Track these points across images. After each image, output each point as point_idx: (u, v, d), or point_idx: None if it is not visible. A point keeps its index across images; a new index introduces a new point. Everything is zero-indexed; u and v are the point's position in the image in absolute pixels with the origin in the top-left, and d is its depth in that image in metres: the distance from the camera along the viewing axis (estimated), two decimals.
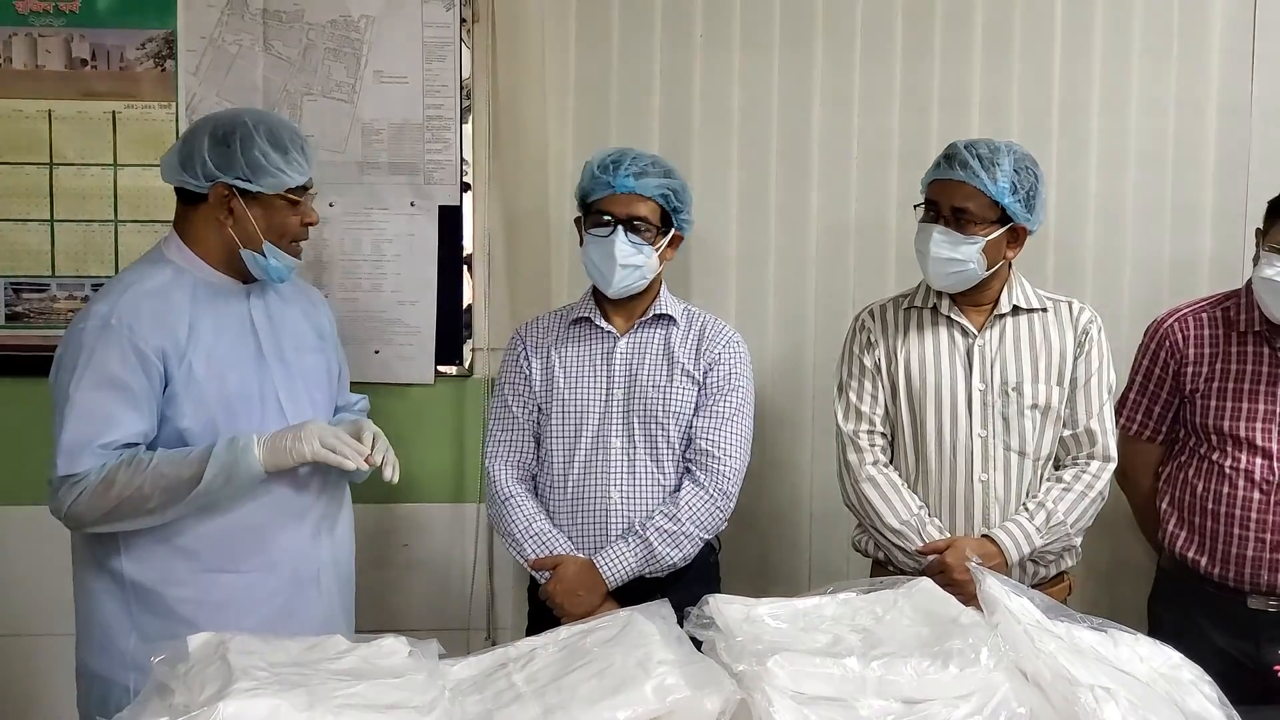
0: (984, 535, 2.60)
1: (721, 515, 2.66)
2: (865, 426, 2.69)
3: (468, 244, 3.21)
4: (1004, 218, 2.58)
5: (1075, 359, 2.66)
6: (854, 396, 2.70)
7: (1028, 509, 2.61)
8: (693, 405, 2.68)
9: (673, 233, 2.70)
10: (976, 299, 2.67)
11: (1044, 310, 2.69)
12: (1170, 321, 2.83)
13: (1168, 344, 2.81)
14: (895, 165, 3.18)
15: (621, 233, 2.62)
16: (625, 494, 2.64)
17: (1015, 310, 2.67)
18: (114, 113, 3.12)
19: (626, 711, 1.51)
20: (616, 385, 2.69)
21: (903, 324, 2.71)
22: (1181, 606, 2.78)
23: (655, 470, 2.66)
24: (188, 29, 3.11)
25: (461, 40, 3.16)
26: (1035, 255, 3.00)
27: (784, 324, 3.22)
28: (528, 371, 2.74)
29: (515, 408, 2.73)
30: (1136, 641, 1.81)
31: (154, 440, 2.32)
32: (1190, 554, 2.76)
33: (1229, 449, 2.72)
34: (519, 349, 2.77)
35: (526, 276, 3.20)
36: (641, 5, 3.14)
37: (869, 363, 2.70)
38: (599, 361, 2.71)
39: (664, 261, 2.71)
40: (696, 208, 2.77)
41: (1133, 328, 3.04)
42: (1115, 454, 2.68)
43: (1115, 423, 2.71)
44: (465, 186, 3.19)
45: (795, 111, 3.17)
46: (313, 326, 2.57)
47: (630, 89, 3.15)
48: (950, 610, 1.77)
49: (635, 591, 2.50)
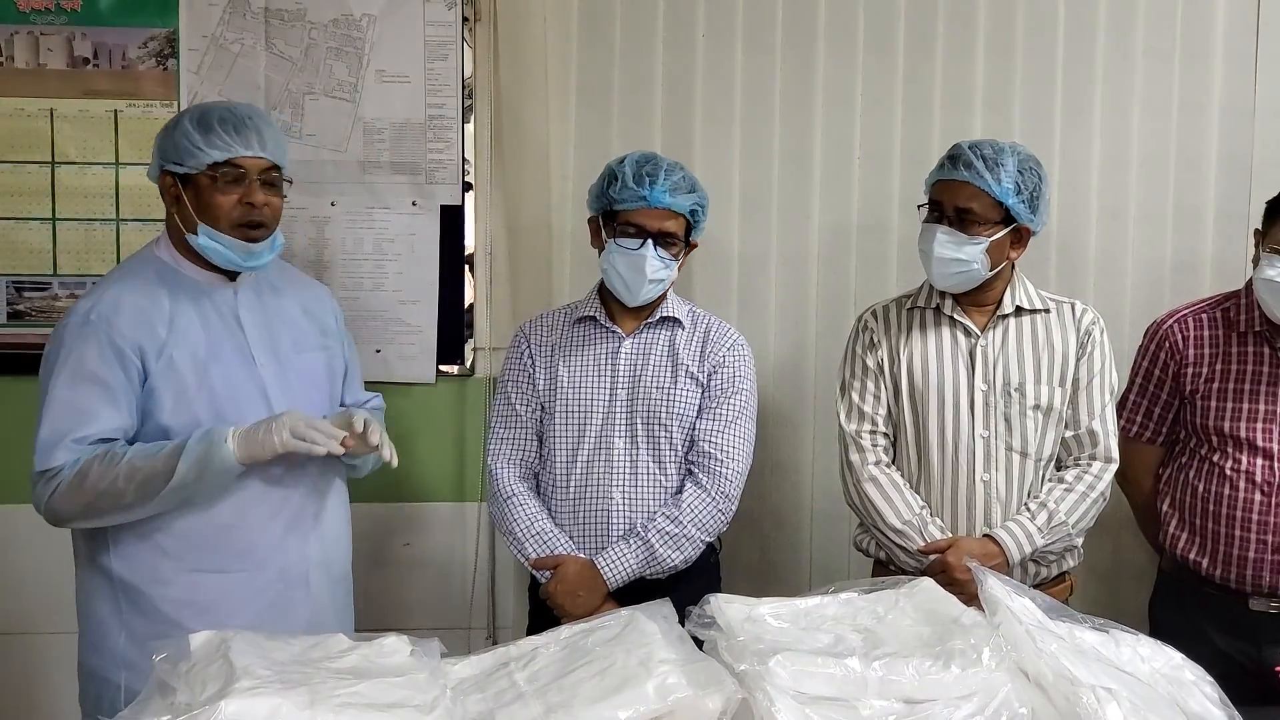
0: (985, 535, 2.60)
1: (723, 518, 2.66)
2: (868, 426, 2.69)
3: (469, 243, 3.20)
4: (1008, 218, 2.58)
5: (1077, 360, 2.66)
6: (856, 396, 2.70)
7: (1029, 509, 2.61)
8: (696, 407, 2.68)
9: (690, 242, 2.72)
10: (979, 299, 2.67)
11: (1047, 311, 2.69)
12: (1170, 322, 2.83)
13: (1167, 345, 2.80)
14: (898, 166, 3.18)
15: (652, 247, 2.61)
16: (627, 495, 2.64)
17: (1018, 311, 2.67)
18: (116, 111, 3.12)
19: (628, 711, 1.51)
20: (620, 386, 2.69)
21: (905, 324, 2.71)
22: (1182, 608, 2.78)
23: (657, 471, 2.66)
24: (189, 28, 3.11)
25: (463, 39, 3.16)
26: (1037, 256, 3.00)
27: (786, 324, 3.21)
28: (531, 369, 2.74)
29: (518, 405, 2.73)
30: (1138, 642, 1.81)
31: (136, 436, 2.31)
32: (1191, 555, 2.75)
33: (1229, 450, 2.72)
34: (523, 346, 2.77)
35: (528, 276, 3.20)
36: (643, 4, 3.14)
37: (871, 363, 2.70)
38: (603, 361, 2.71)
39: (679, 270, 2.72)
40: None
41: (1134, 329, 3.04)
42: (1117, 455, 2.68)
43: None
44: (467, 186, 3.19)
45: (797, 112, 3.17)
46: (315, 323, 2.55)
47: (632, 88, 3.15)
48: (952, 610, 1.77)
49: (636, 592, 2.50)
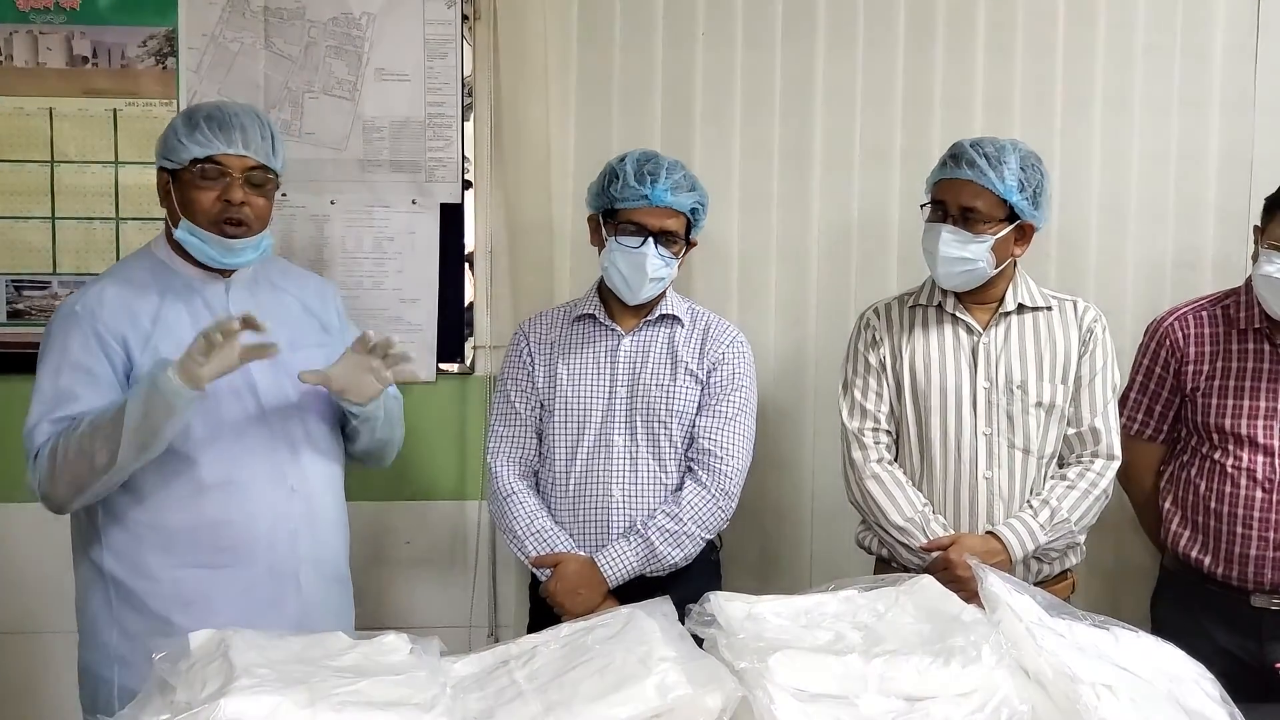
0: (988, 532, 2.60)
1: (723, 515, 2.66)
2: (870, 424, 2.69)
3: (469, 242, 3.20)
4: (1011, 215, 2.58)
5: (1080, 357, 2.65)
6: (859, 394, 2.70)
7: (1032, 506, 2.61)
8: (696, 404, 2.68)
9: (690, 240, 2.72)
10: (982, 297, 2.67)
11: (1049, 309, 2.69)
12: (1170, 320, 2.83)
13: (1168, 343, 2.80)
14: (898, 163, 3.17)
15: (653, 245, 2.62)
16: (627, 492, 2.64)
17: (1020, 308, 2.67)
18: (115, 110, 3.11)
19: (628, 709, 1.51)
20: (620, 383, 2.69)
21: (908, 322, 2.71)
22: (1184, 606, 2.78)
23: (657, 469, 2.66)
24: (189, 26, 3.11)
25: (463, 37, 3.15)
26: (1037, 254, 2.98)
27: (786, 321, 3.21)
28: (530, 367, 2.74)
29: (518, 404, 2.73)
30: (1138, 639, 1.81)
31: None
32: (1194, 553, 2.75)
33: (1230, 447, 2.72)
34: (522, 344, 2.77)
35: (528, 274, 3.19)
36: (643, 2, 3.13)
37: (874, 360, 2.70)
38: (603, 359, 2.71)
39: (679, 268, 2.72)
40: None
41: (1135, 326, 3.03)
42: (1119, 452, 2.68)
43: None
44: (467, 184, 3.18)
45: (797, 110, 3.16)
46: (315, 320, 2.53)
47: (632, 86, 3.14)
48: (952, 608, 1.77)
49: (636, 589, 2.49)
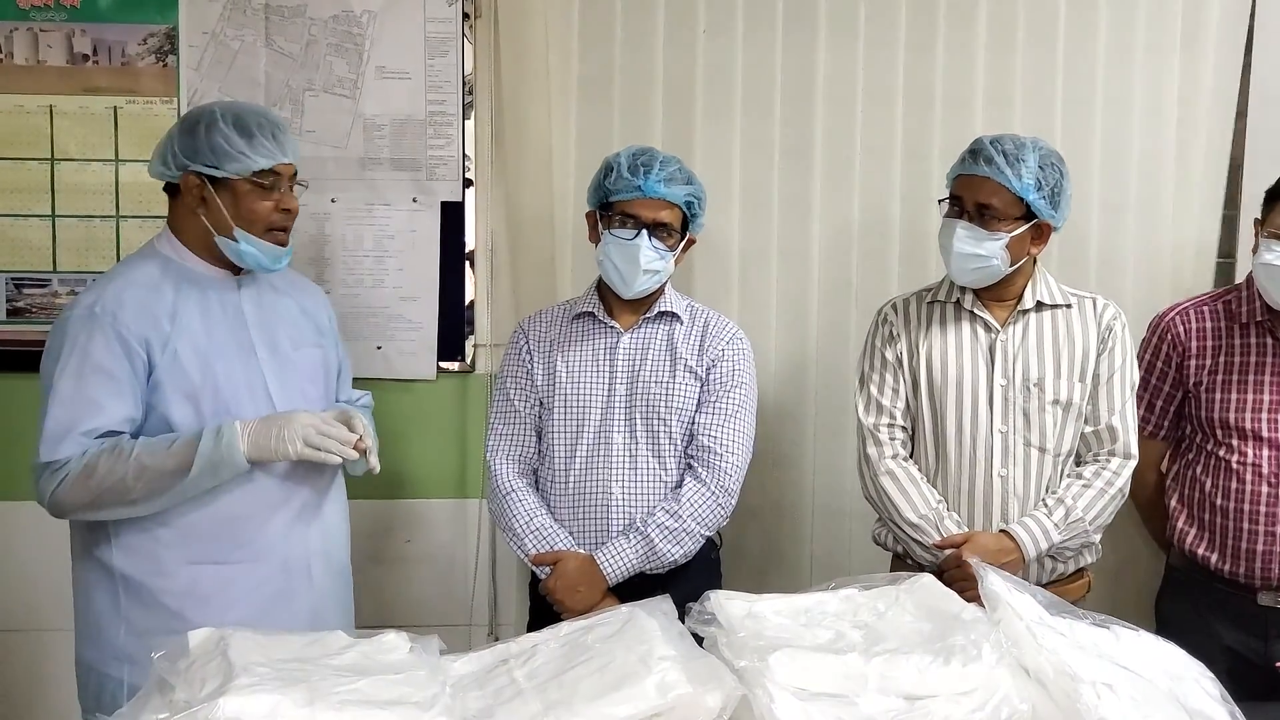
0: (1002, 530, 2.59)
1: (723, 512, 2.66)
2: (886, 420, 2.68)
3: (470, 240, 3.20)
4: (1028, 214, 2.56)
5: (1098, 355, 2.64)
6: (875, 390, 2.70)
7: (1047, 505, 2.60)
8: (695, 401, 2.68)
9: (687, 236, 2.71)
10: (1000, 294, 2.66)
11: (1068, 306, 2.67)
12: (1171, 315, 2.84)
13: (1169, 337, 2.81)
14: (899, 161, 3.17)
15: (646, 237, 2.62)
16: (627, 490, 2.64)
17: (1039, 306, 2.65)
18: (116, 108, 3.11)
19: (628, 707, 1.51)
20: (619, 381, 2.69)
21: (925, 318, 2.70)
22: (1190, 604, 2.78)
23: (657, 466, 2.66)
24: (189, 24, 3.11)
25: (464, 35, 3.15)
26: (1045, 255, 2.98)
27: (786, 319, 3.20)
28: (530, 366, 2.73)
29: (517, 402, 2.73)
30: (1139, 638, 1.81)
31: (140, 428, 2.31)
32: (1200, 550, 2.75)
33: (1234, 442, 2.71)
34: (521, 343, 2.77)
35: (530, 272, 3.19)
36: (644, 0, 3.12)
37: (890, 356, 2.70)
38: (602, 357, 2.71)
39: (676, 264, 2.72)
40: None
41: (1136, 323, 3.02)
42: (1136, 451, 2.66)
43: None
44: (468, 182, 3.18)
45: (798, 107, 3.16)
46: (311, 321, 2.57)
47: (633, 83, 3.13)
48: (952, 606, 1.77)
49: (636, 587, 2.49)
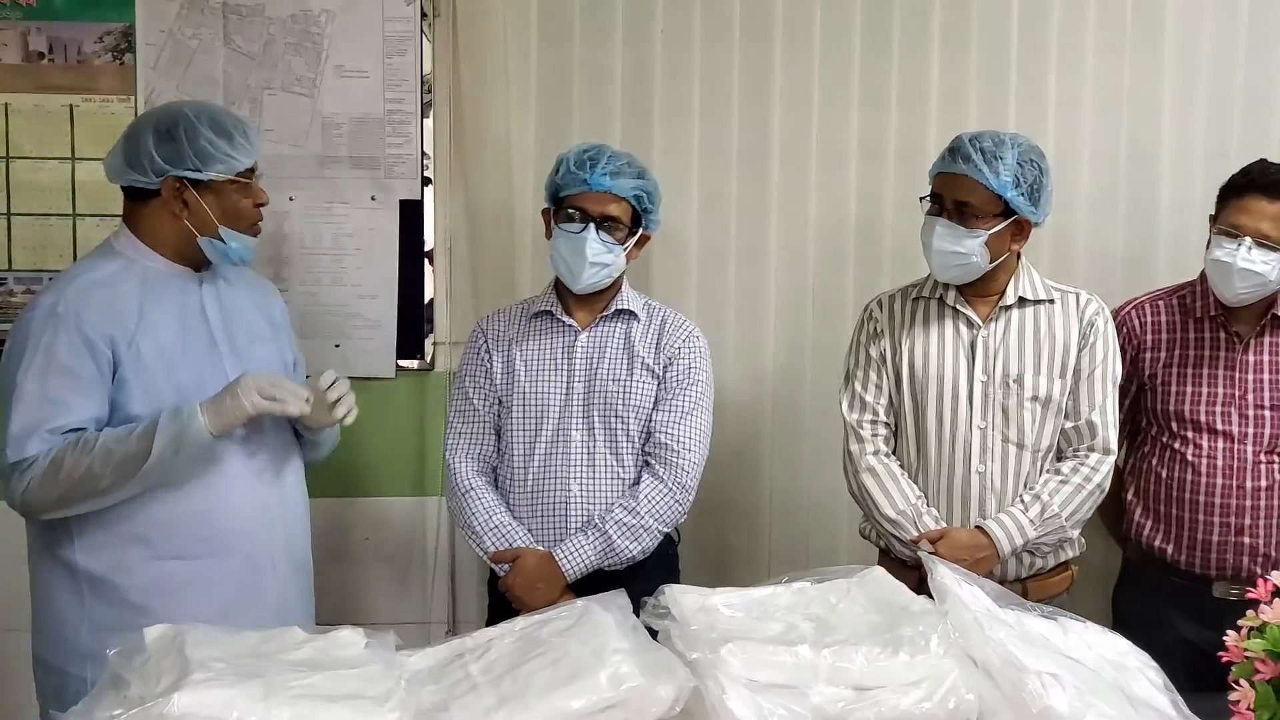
0: (977, 527, 2.61)
1: (680, 509, 2.67)
2: (869, 416, 2.70)
3: (429, 238, 3.20)
4: (1007, 210, 2.58)
5: (1079, 351, 2.65)
6: (859, 386, 2.72)
7: (1023, 501, 2.61)
8: (652, 399, 2.70)
9: (640, 232, 2.72)
10: (983, 290, 2.68)
11: (1051, 302, 2.68)
12: (1127, 309, 2.87)
13: (1124, 330, 2.83)
14: (855, 161, 3.19)
15: (593, 230, 2.63)
16: (585, 487, 2.65)
17: (1021, 302, 2.67)
18: (71, 106, 3.10)
19: (581, 700, 1.52)
20: (577, 379, 2.70)
21: (909, 314, 2.72)
22: (1147, 597, 2.81)
23: (615, 464, 2.67)
24: (147, 22, 3.09)
25: (422, 34, 3.15)
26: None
27: (744, 317, 3.22)
28: (488, 364, 2.74)
29: (476, 400, 2.73)
30: (1085, 629, 1.84)
31: (105, 426, 2.30)
32: (1157, 543, 2.79)
33: (1189, 435, 2.75)
34: (480, 342, 2.77)
35: (489, 270, 3.20)
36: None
37: (874, 353, 2.72)
38: (559, 355, 2.72)
39: (630, 260, 2.73)
40: None
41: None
42: (1115, 447, 2.67)
43: None
44: (426, 181, 3.19)
45: (755, 107, 3.18)
46: (265, 316, 2.58)
47: (591, 83, 3.15)
48: (902, 598, 1.79)
49: (595, 584, 2.48)
